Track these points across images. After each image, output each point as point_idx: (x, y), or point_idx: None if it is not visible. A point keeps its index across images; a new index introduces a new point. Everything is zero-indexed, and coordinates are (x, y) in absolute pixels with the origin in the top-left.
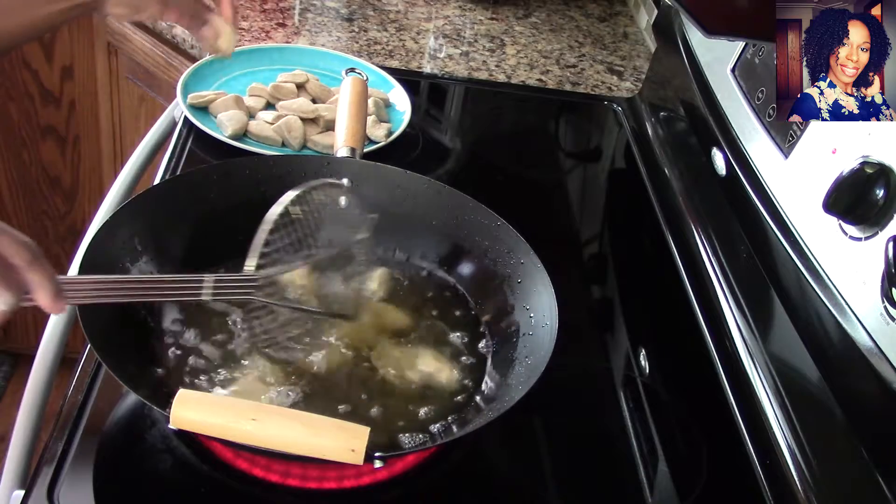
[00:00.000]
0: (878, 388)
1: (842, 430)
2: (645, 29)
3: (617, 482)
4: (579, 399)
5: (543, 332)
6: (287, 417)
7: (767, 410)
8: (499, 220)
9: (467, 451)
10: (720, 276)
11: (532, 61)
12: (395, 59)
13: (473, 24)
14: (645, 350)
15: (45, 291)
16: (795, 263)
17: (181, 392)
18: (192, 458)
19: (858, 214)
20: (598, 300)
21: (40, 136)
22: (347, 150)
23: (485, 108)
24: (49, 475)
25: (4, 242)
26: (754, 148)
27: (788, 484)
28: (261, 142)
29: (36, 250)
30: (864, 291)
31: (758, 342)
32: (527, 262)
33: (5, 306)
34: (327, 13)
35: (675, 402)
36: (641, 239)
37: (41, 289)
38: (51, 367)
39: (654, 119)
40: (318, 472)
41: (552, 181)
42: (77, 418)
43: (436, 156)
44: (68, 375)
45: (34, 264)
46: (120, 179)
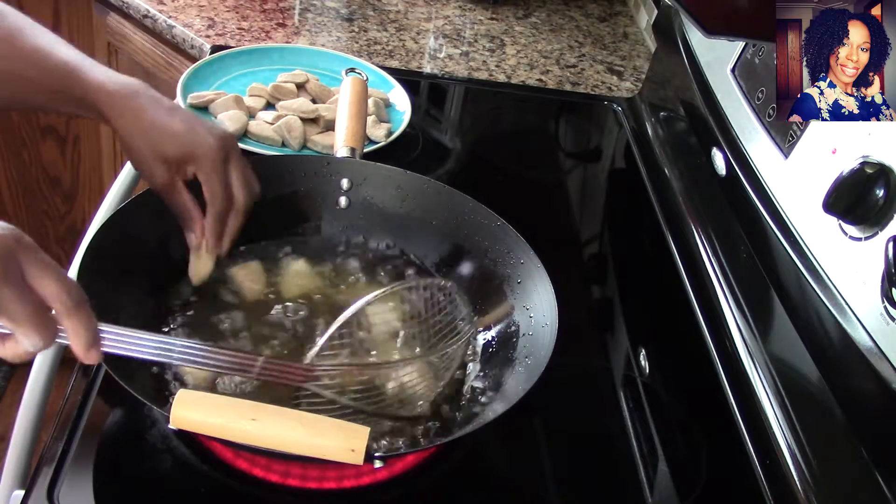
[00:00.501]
0: (878, 388)
1: (842, 430)
2: (645, 29)
3: (617, 482)
4: (579, 399)
5: (543, 332)
6: (287, 417)
7: (767, 410)
8: (499, 220)
9: (467, 451)
10: (720, 276)
11: (532, 61)
12: (395, 59)
13: (473, 24)
14: (645, 350)
15: (81, 341)
16: (795, 263)
17: (181, 392)
18: (192, 458)
19: (858, 214)
20: (598, 300)
21: (40, 136)
22: (347, 150)
23: (485, 108)
24: (49, 475)
25: (48, 284)
26: (754, 148)
27: (788, 484)
28: (261, 142)
29: (78, 296)
30: (864, 291)
31: (758, 342)
32: (527, 262)
33: (34, 349)
34: (327, 13)
35: (675, 402)
36: (641, 239)
37: (78, 338)
38: (51, 367)
39: (654, 119)
40: (318, 472)
41: (552, 181)
42: (77, 418)
43: (436, 156)
44: (68, 375)
45: (74, 313)
46: (120, 179)
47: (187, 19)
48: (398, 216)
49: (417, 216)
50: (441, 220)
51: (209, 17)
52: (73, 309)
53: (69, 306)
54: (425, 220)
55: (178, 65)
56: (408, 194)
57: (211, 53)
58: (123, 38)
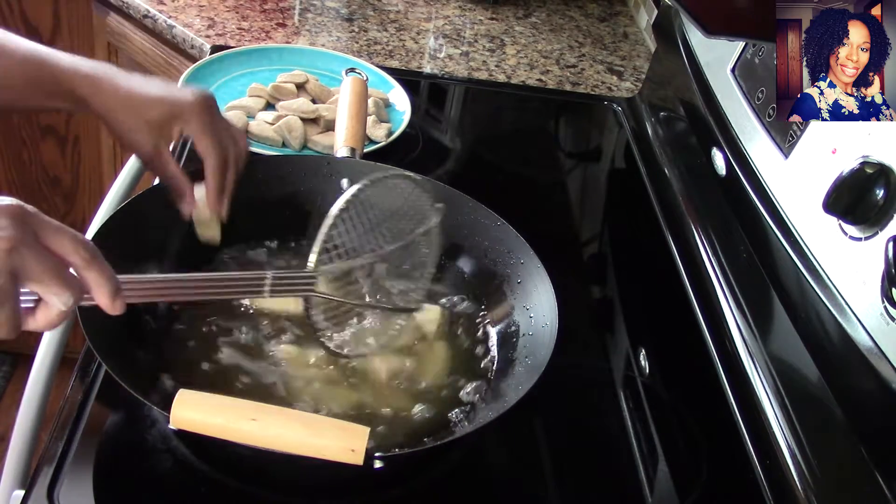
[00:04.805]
0: (877, 387)
1: (842, 429)
2: (645, 29)
3: (617, 482)
4: (579, 399)
5: (543, 332)
6: (287, 417)
7: (767, 410)
8: (499, 220)
9: (467, 451)
10: (720, 276)
11: (532, 61)
12: (395, 59)
13: (473, 24)
14: (645, 350)
15: (104, 290)
16: (795, 263)
17: (181, 392)
18: (192, 458)
19: (858, 214)
20: (598, 300)
21: (40, 136)
22: (347, 150)
23: (485, 108)
24: (49, 475)
25: (62, 241)
26: (754, 148)
27: (788, 484)
28: (261, 142)
29: (94, 249)
30: (864, 291)
31: (758, 342)
32: (527, 262)
33: (65, 306)
34: (327, 13)
35: (675, 402)
36: (641, 239)
37: (100, 288)
38: (51, 367)
39: (654, 119)
40: None
41: (552, 181)
42: (77, 418)
43: (436, 156)
44: (68, 375)
45: (93, 263)
46: (120, 179)
47: (187, 19)
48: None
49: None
50: (441, 220)
51: (209, 17)
52: (91, 260)
53: (87, 258)
54: None
55: (178, 65)
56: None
57: (211, 53)
58: (123, 38)
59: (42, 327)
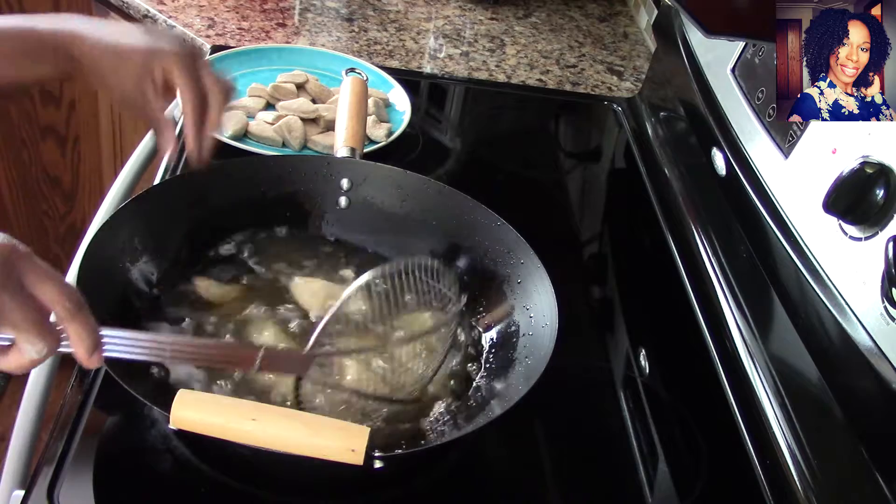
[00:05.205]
0: (877, 387)
1: (842, 429)
2: (645, 29)
3: (617, 482)
4: (579, 399)
5: (543, 332)
6: (287, 417)
7: (767, 410)
8: (499, 220)
9: (467, 451)
10: (720, 276)
11: (532, 61)
12: (395, 59)
13: (473, 24)
14: (645, 350)
15: (84, 345)
16: (795, 263)
17: (181, 392)
18: (192, 458)
19: (858, 214)
20: (598, 300)
21: (40, 136)
22: (347, 150)
23: (485, 108)
24: (49, 475)
25: (48, 289)
26: (754, 148)
27: (788, 484)
28: (261, 142)
29: (79, 301)
30: (864, 291)
31: (758, 342)
32: (527, 262)
33: (38, 355)
34: (327, 13)
35: (675, 402)
36: (641, 239)
37: (80, 342)
38: (51, 367)
39: (654, 119)
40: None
41: (552, 181)
42: (77, 418)
43: (436, 156)
44: (68, 375)
45: (76, 316)
46: (120, 179)
47: (187, 19)
48: (398, 216)
49: (417, 216)
50: (441, 220)
51: (209, 17)
52: (74, 312)
53: (70, 310)
54: (425, 220)
55: None
56: (408, 194)
57: (211, 53)
58: None
59: (13, 370)
